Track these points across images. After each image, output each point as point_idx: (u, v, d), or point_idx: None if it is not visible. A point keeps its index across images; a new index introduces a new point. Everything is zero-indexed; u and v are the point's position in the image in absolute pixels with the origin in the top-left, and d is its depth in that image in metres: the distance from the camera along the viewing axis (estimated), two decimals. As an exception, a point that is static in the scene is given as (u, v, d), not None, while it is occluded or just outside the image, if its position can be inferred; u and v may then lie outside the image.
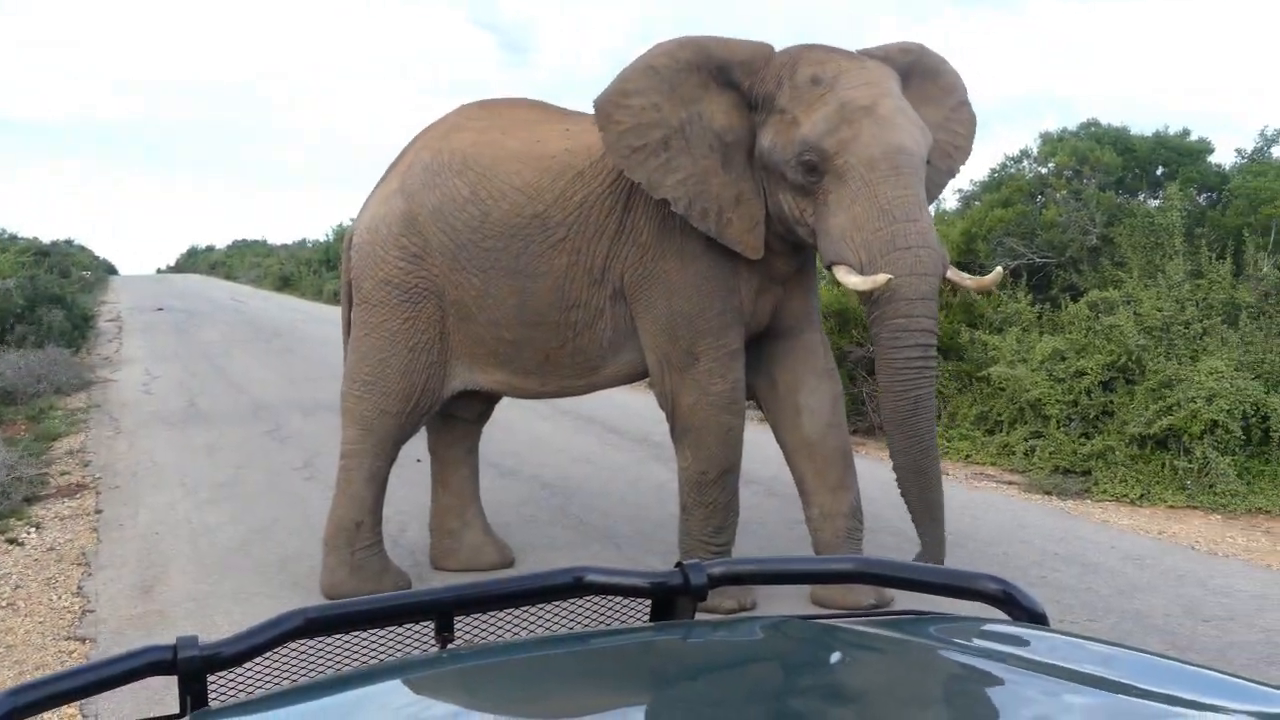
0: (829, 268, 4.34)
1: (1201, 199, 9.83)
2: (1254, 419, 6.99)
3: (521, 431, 9.25)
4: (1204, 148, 10.23)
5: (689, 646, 1.35)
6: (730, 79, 4.51)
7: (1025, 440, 7.93)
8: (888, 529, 6.20)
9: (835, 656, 1.27)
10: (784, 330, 4.97)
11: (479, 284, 4.77)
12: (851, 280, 4.17)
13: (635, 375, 5.02)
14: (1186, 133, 10.41)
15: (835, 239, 4.22)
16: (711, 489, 4.78)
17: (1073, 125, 11.13)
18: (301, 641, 1.40)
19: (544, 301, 4.75)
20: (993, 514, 6.64)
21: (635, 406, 10.38)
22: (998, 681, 1.16)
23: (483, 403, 5.51)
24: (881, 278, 4.09)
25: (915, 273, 4.15)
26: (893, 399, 4.36)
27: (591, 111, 4.54)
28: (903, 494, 4.55)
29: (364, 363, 4.97)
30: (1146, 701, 1.07)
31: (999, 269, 4.53)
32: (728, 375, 4.70)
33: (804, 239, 4.48)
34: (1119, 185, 10.09)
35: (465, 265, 4.77)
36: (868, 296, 4.25)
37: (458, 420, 5.50)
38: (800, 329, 5.00)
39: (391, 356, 4.89)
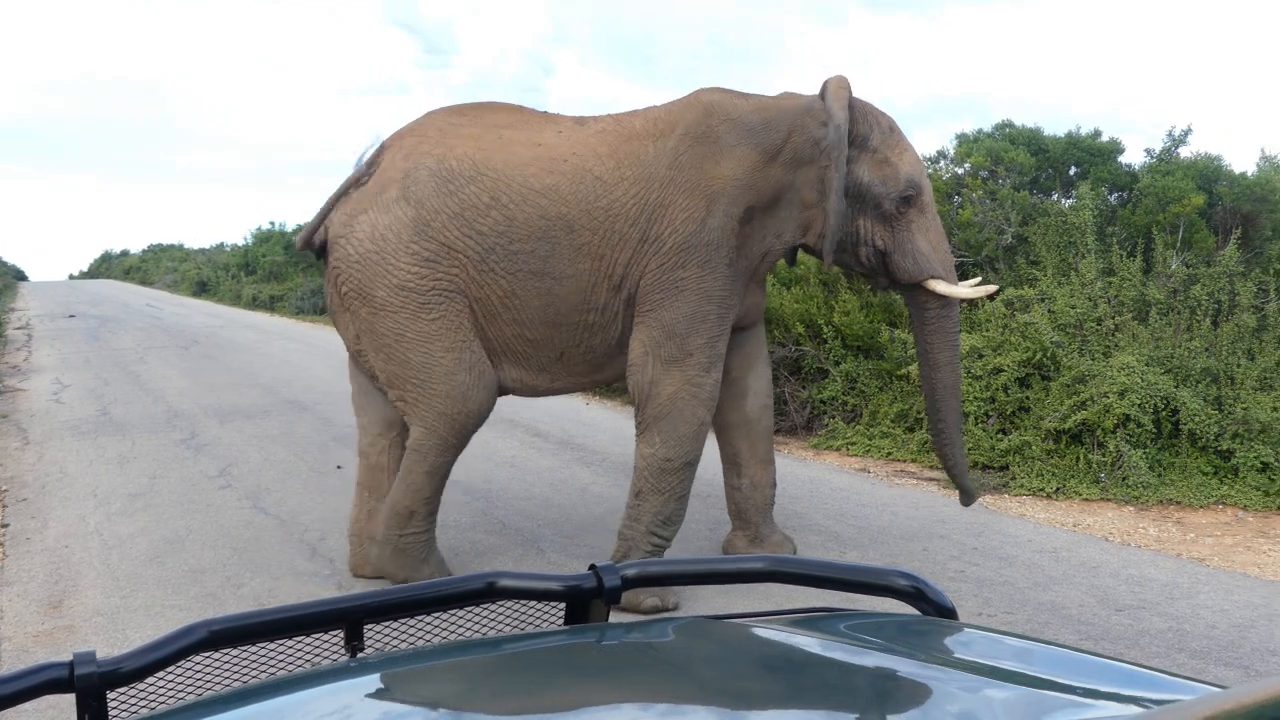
0: (919, 282, 5.16)
1: (1113, 198, 10.04)
2: (1164, 413, 7.16)
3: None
4: (1114, 148, 10.44)
5: (602, 649, 1.33)
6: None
7: (944, 437, 8.03)
8: (814, 528, 6.26)
9: (747, 656, 1.27)
10: (744, 321, 5.38)
11: (505, 285, 4.86)
12: (960, 291, 5.21)
13: None
14: (1097, 133, 10.61)
15: (924, 257, 5.12)
16: (672, 476, 4.97)
17: (987, 126, 11.33)
18: (207, 655, 1.36)
19: (568, 304, 4.90)
20: (913, 510, 6.72)
21: (558, 410, 10.36)
22: (913, 677, 1.16)
23: None
24: (989, 288, 5.32)
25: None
26: (950, 361, 5.40)
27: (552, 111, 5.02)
28: (942, 411, 5.44)
29: (406, 368, 4.95)
30: (1058, 694, 1.08)
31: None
32: (712, 373, 4.98)
33: (864, 258, 5.22)
34: (1033, 185, 10.27)
35: (493, 268, 4.84)
36: (934, 296, 5.20)
37: (396, 425, 5.42)
38: (755, 320, 5.53)
39: (430, 359, 4.91)
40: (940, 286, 5.18)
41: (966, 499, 5.58)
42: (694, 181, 4.82)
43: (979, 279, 5.75)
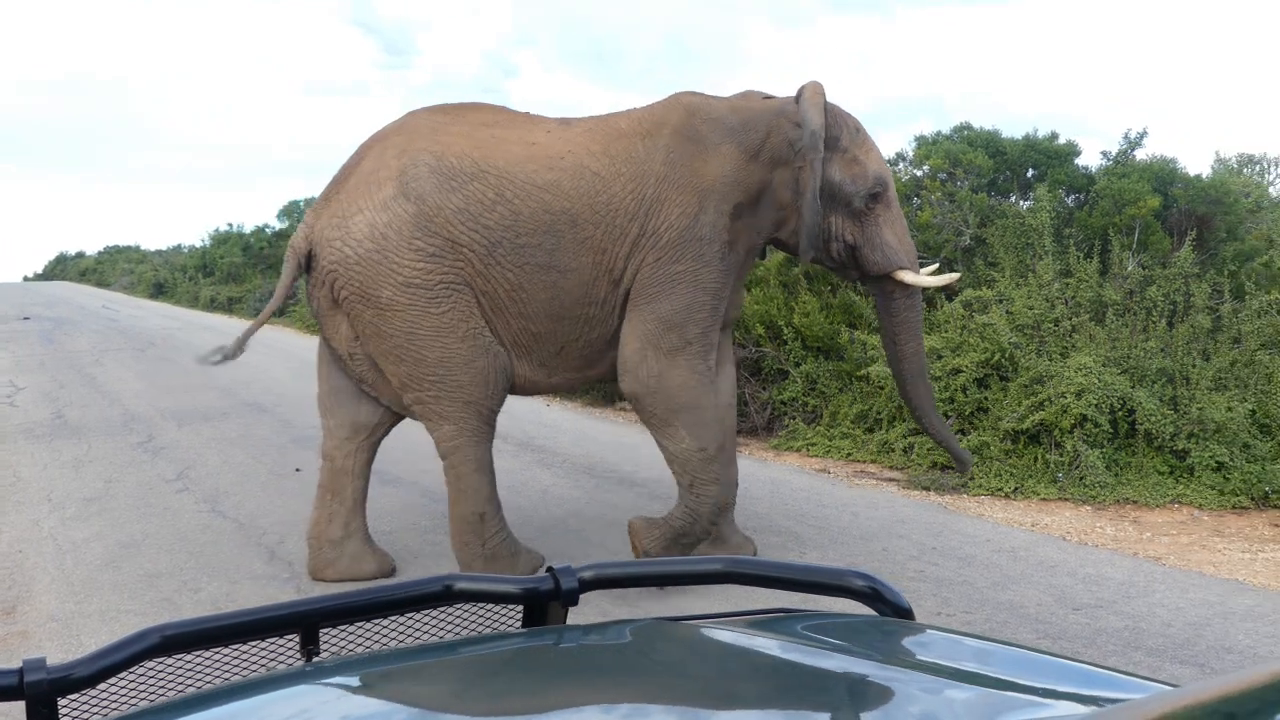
0: (888, 274, 5.35)
1: (1069, 200, 10.13)
2: (1120, 412, 7.24)
3: (403, 438, 9.11)
4: (1071, 150, 10.54)
5: (560, 651, 1.33)
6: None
7: (904, 438, 8.09)
8: (773, 529, 6.27)
9: (705, 658, 1.27)
10: (725, 319, 5.47)
11: (513, 279, 4.92)
12: (923, 280, 5.42)
13: None
14: (1054, 136, 10.71)
15: (892, 250, 5.31)
16: (714, 464, 5.11)
17: (946, 129, 11.40)
18: (160, 660, 1.35)
19: (571, 297, 5.00)
20: (873, 510, 6.76)
21: (519, 412, 10.33)
22: (870, 678, 1.16)
23: (393, 416, 5.42)
24: (952, 276, 5.64)
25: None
26: (917, 349, 5.62)
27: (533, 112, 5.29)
28: (914, 396, 5.69)
29: (422, 365, 4.95)
30: (1015, 694, 1.09)
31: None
32: (708, 360, 5.14)
33: (834, 253, 5.36)
34: (991, 187, 10.36)
35: (500, 261, 4.90)
36: (900, 286, 5.41)
37: (364, 429, 5.38)
38: (734, 318, 5.74)
39: (448, 352, 4.93)
40: (908, 276, 5.40)
41: (962, 466, 5.87)
42: (686, 179, 4.97)
43: (935, 265, 6.11)
